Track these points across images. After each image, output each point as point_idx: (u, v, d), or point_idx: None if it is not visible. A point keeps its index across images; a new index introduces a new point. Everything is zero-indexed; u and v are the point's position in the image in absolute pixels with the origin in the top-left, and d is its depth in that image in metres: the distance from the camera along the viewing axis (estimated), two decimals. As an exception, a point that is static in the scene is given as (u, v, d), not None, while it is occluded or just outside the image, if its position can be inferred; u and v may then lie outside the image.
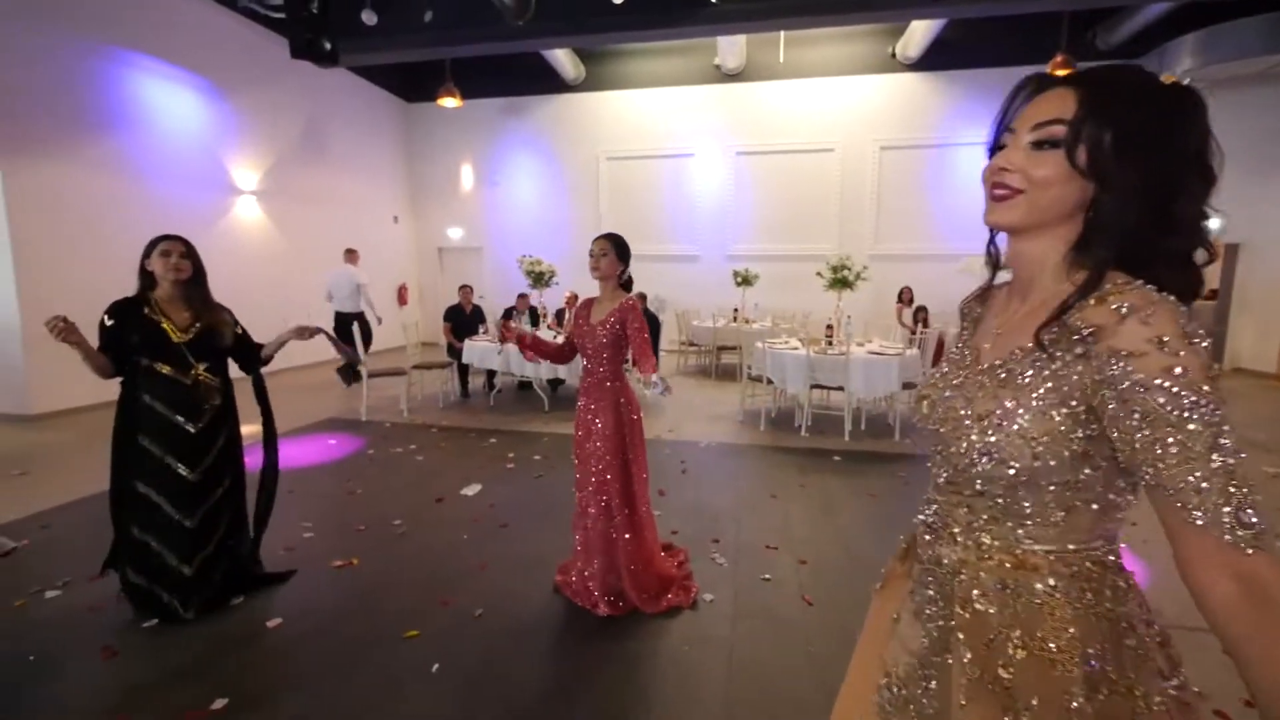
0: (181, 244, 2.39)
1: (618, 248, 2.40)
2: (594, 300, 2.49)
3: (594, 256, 2.37)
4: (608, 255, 2.38)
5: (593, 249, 2.39)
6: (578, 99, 10.55)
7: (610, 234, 2.43)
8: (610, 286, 2.43)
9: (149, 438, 2.29)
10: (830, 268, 5.61)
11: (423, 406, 6.27)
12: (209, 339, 2.42)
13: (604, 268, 2.37)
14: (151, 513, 2.32)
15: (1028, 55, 8.85)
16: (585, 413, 2.43)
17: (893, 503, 3.70)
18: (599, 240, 2.40)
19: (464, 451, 4.72)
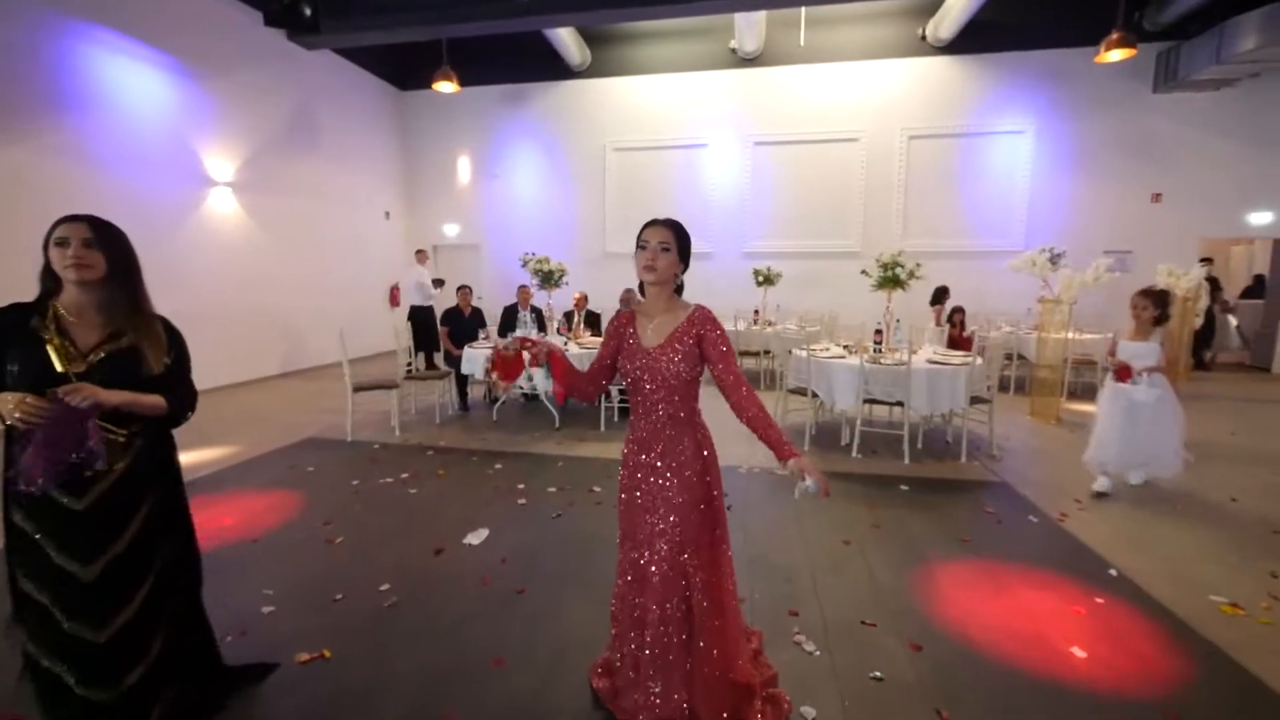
0: (85, 226, 1.58)
1: (681, 242, 1.70)
2: (634, 313, 1.79)
3: (648, 251, 1.65)
4: (670, 251, 1.67)
5: (646, 239, 1.67)
6: (583, 86, 9.86)
7: (671, 221, 1.72)
8: (665, 294, 1.74)
9: (22, 513, 1.56)
10: (880, 265, 4.94)
11: (417, 423, 5.56)
12: (120, 368, 1.59)
13: (662, 268, 1.66)
14: (43, 620, 1.56)
15: (1074, 36, 8.26)
16: (642, 470, 1.73)
17: (990, 547, 3.04)
18: (656, 228, 1.68)
19: (466, 481, 4.02)
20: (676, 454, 1.70)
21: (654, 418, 1.71)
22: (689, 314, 1.71)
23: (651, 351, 1.69)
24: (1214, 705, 1.94)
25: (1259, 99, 8.04)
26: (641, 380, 1.70)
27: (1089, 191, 8.71)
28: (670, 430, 1.70)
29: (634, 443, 1.76)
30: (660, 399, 1.69)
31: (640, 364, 1.69)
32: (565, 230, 10.11)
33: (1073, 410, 6.05)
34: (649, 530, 1.70)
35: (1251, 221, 8.43)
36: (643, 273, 1.68)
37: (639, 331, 1.75)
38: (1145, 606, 2.49)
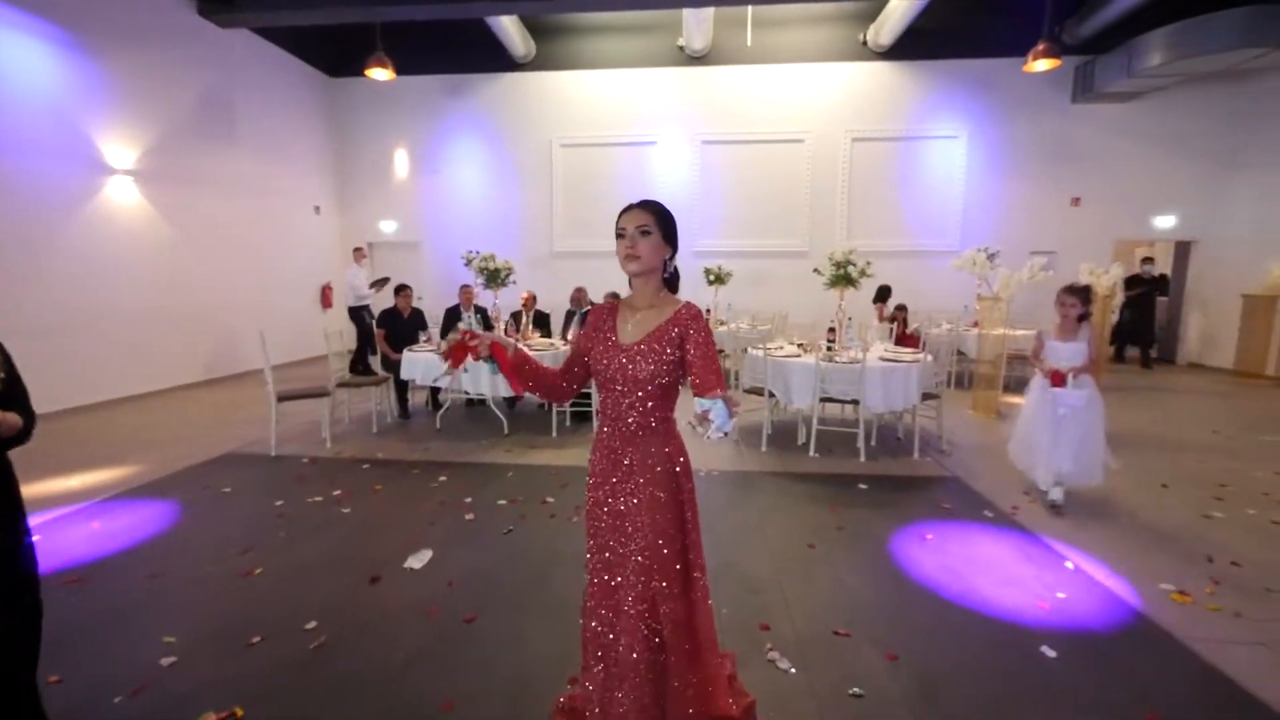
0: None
1: (663, 223, 1.51)
2: (616, 307, 1.60)
3: (627, 238, 1.48)
4: (650, 235, 1.48)
5: (623, 227, 1.49)
6: (528, 79, 9.54)
7: (650, 202, 1.54)
8: (651, 286, 1.54)
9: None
10: (832, 263, 4.94)
11: (351, 433, 5.14)
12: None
13: (645, 254, 1.48)
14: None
15: (1002, 47, 8.67)
16: (610, 484, 1.54)
17: (951, 545, 3.03)
18: (632, 211, 1.50)
19: (406, 497, 3.70)
20: (647, 468, 1.51)
21: (623, 425, 1.52)
22: (675, 310, 1.52)
23: (628, 349, 1.50)
24: (1188, 705, 1.94)
25: (1163, 111, 8.68)
26: (613, 382, 1.50)
27: (1017, 195, 9.17)
28: (641, 440, 1.52)
29: (601, 451, 1.56)
30: (631, 404, 1.50)
31: (613, 363, 1.50)
32: (511, 228, 9.75)
33: (1010, 404, 6.29)
34: (618, 552, 1.51)
35: (1157, 224, 9.11)
36: (625, 263, 1.49)
37: (618, 326, 1.55)
38: (1105, 600, 2.52)
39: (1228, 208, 8.74)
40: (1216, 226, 8.84)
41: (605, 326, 1.57)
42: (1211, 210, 8.86)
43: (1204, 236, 8.98)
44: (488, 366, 1.54)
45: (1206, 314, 9.02)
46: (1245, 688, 1.98)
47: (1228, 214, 8.74)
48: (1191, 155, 8.76)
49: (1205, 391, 7.23)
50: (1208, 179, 8.80)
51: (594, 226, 9.55)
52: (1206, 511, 3.48)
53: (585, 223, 9.59)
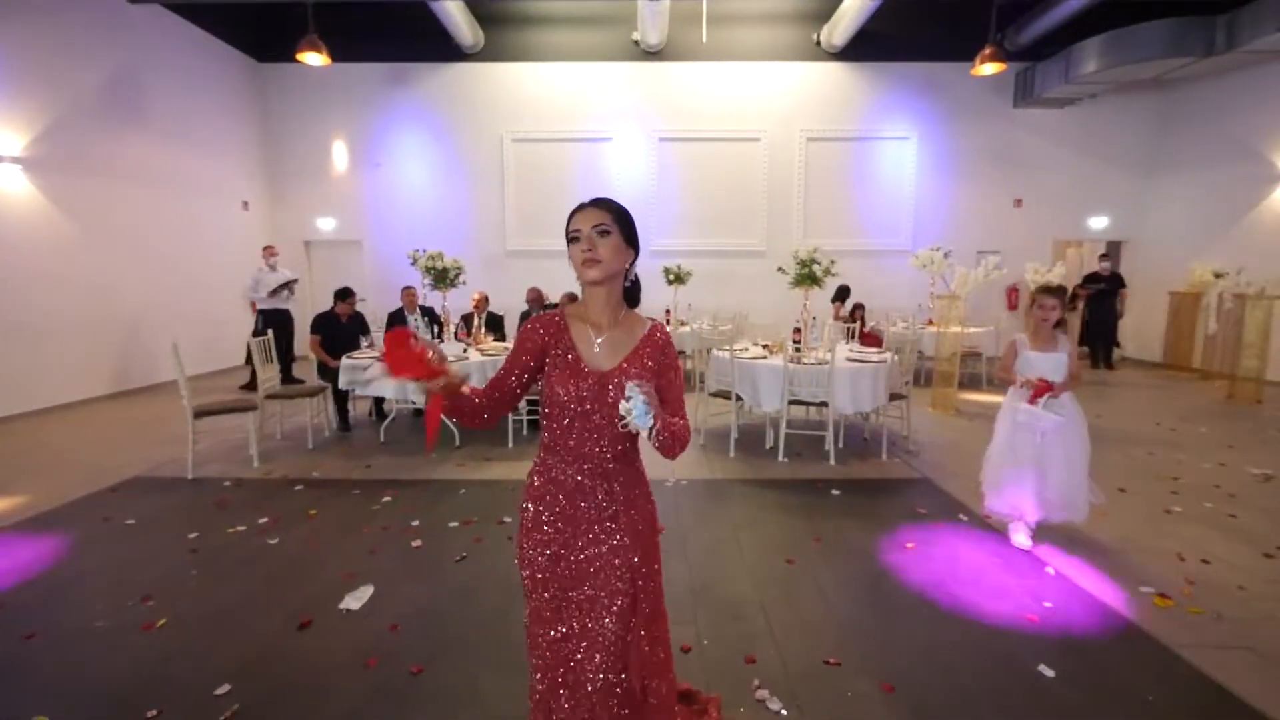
0: None
1: (623, 223, 1.27)
2: (566, 318, 1.33)
3: (582, 240, 1.24)
4: (610, 235, 1.24)
5: (577, 228, 1.25)
6: (477, 70, 9.10)
7: (605, 200, 1.29)
8: (615, 296, 1.32)
9: None
10: (797, 262, 4.83)
11: (283, 451, 4.66)
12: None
13: (607, 257, 1.24)
14: None
15: (949, 52, 8.86)
16: (575, 523, 1.29)
17: (932, 553, 2.92)
18: (588, 210, 1.26)
19: (344, 523, 3.32)
20: (630, 501, 1.30)
21: (596, 459, 1.28)
22: (646, 331, 1.32)
23: (605, 375, 1.26)
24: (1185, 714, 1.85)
25: (1097, 118, 9.09)
26: (587, 412, 1.25)
27: (964, 196, 9.41)
28: (621, 476, 1.30)
29: (560, 489, 1.30)
30: (611, 437, 1.27)
31: (583, 390, 1.25)
32: (460, 226, 9.29)
33: (966, 400, 6.39)
34: (582, 601, 1.27)
35: (1091, 225, 9.54)
36: (583, 270, 1.25)
37: (578, 345, 1.30)
38: (1091, 608, 2.45)
39: (1154, 209, 9.24)
40: (1145, 227, 9.34)
41: (558, 343, 1.29)
42: (1140, 211, 9.35)
43: (1133, 237, 9.47)
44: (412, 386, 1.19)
45: (1136, 310, 9.51)
46: (1242, 698, 1.91)
47: (1154, 215, 9.24)
48: (1122, 159, 9.21)
49: (1140, 384, 7.57)
50: (1136, 182, 9.28)
51: (549, 225, 9.22)
52: (1166, 506, 3.52)
53: (539, 221, 9.24)
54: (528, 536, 1.33)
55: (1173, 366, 8.59)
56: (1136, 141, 9.11)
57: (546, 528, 1.31)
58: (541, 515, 1.31)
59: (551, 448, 1.32)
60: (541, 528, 1.31)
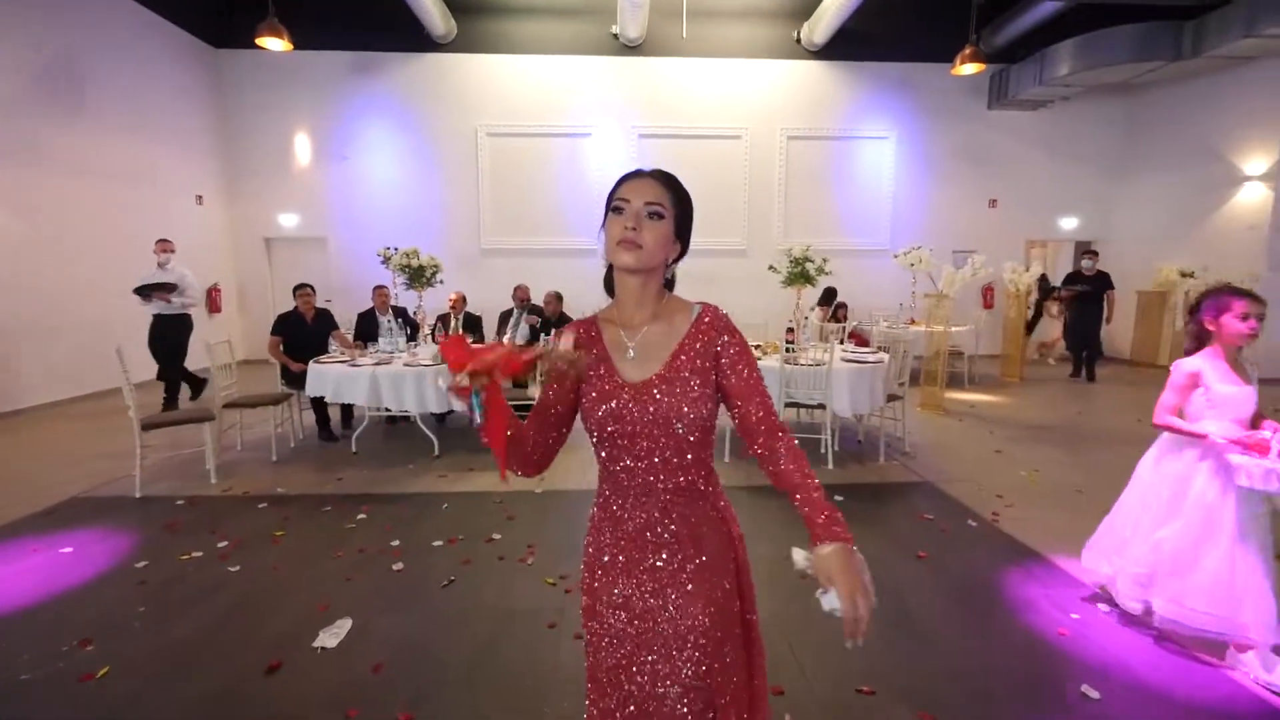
0: None
1: (682, 209, 1.05)
2: (597, 324, 1.10)
3: (627, 214, 1.00)
4: (662, 219, 1.01)
5: (625, 197, 1.01)
6: (450, 60, 8.75)
7: (668, 174, 1.05)
8: (652, 291, 1.07)
9: None
10: (791, 260, 4.71)
11: (244, 464, 4.31)
12: None
13: (650, 245, 1.00)
14: None
15: (926, 52, 8.90)
16: (634, 580, 1.05)
17: (948, 562, 2.80)
18: (645, 181, 1.02)
19: (316, 544, 3.02)
20: (698, 548, 1.04)
21: (653, 494, 1.03)
22: (694, 318, 1.06)
23: (639, 387, 1.01)
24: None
25: (1068, 120, 9.26)
26: (633, 437, 1.01)
27: (941, 195, 9.48)
28: (682, 511, 1.04)
29: (613, 536, 1.06)
30: (664, 464, 1.02)
31: (621, 409, 1.01)
32: (433, 223, 8.91)
33: (952, 399, 6.37)
34: (650, 673, 1.03)
35: (1062, 226, 9.73)
36: (618, 251, 1.00)
37: (611, 353, 1.06)
38: (1117, 618, 2.35)
39: (1122, 210, 9.47)
40: (1113, 227, 9.56)
41: (595, 360, 1.06)
42: (1108, 212, 9.58)
43: (1102, 237, 9.68)
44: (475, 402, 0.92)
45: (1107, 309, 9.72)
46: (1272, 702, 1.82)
47: (1122, 216, 9.47)
48: (1091, 161, 9.41)
49: (1114, 381, 7.71)
50: (1105, 183, 9.50)
51: (526, 222, 8.95)
52: (1167, 506, 3.49)
53: (516, 218, 8.95)
54: (587, 582, 1.09)
55: (1141, 364, 8.80)
56: (1105, 144, 9.33)
57: (593, 578, 1.08)
58: (602, 557, 1.07)
59: (605, 479, 1.09)
60: (602, 572, 1.07)
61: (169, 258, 5.79)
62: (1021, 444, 4.79)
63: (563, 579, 2.62)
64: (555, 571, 2.69)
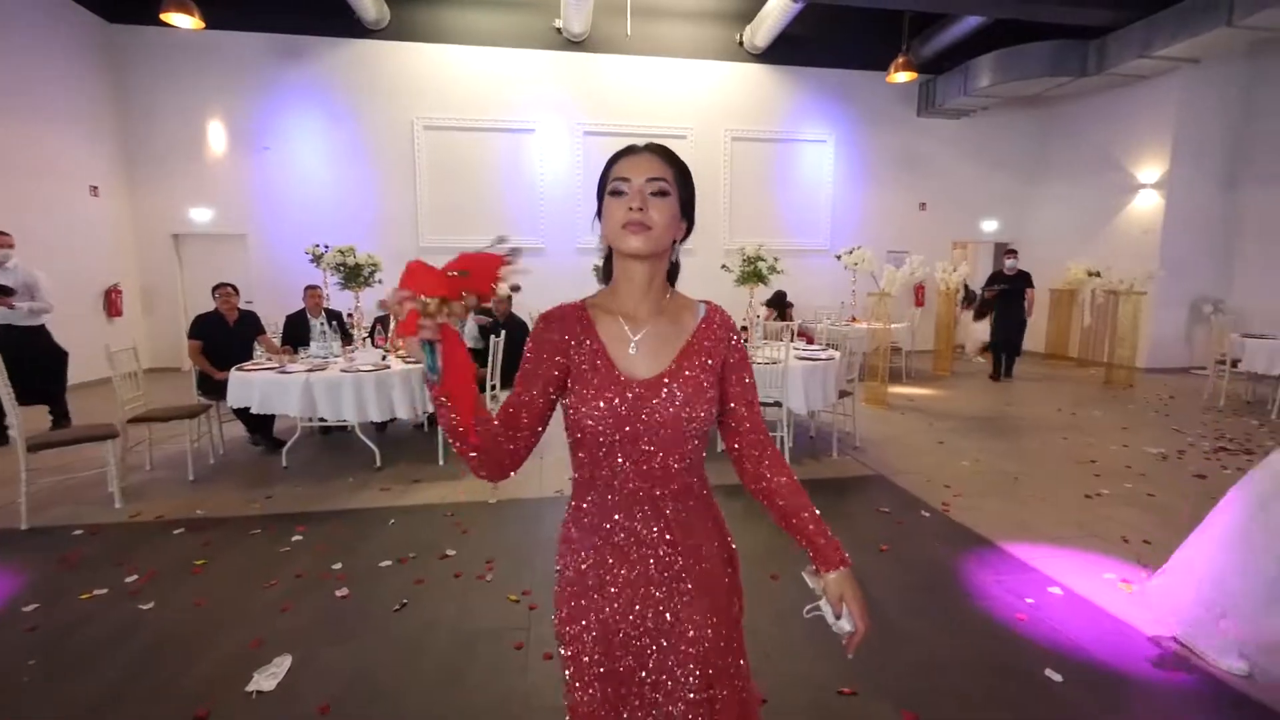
0: None
1: (685, 186, 0.95)
2: (587, 311, 0.98)
3: (631, 193, 0.90)
4: (668, 198, 0.91)
5: (624, 175, 0.91)
6: (384, 48, 8.28)
7: (666, 149, 0.96)
8: (659, 278, 0.98)
9: None
10: (744, 259, 4.73)
11: (156, 485, 3.86)
12: None
13: (660, 226, 0.90)
14: None
15: (861, 60, 9.25)
16: (626, 596, 0.96)
17: (908, 553, 2.87)
18: (646, 157, 0.93)
19: (245, 572, 2.73)
20: (697, 555, 0.97)
21: (646, 500, 0.95)
22: (700, 318, 0.99)
23: (648, 383, 0.93)
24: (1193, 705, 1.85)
25: (989, 128, 9.88)
26: (629, 436, 0.92)
27: (875, 198, 9.89)
28: (679, 517, 0.96)
29: (597, 550, 0.96)
30: (664, 467, 0.94)
31: (624, 407, 0.91)
32: (367, 219, 8.41)
33: (894, 394, 6.62)
34: (648, 699, 0.96)
35: (984, 228, 10.38)
36: (625, 236, 0.90)
37: (607, 346, 0.95)
38: (1069, 602, 2.46)
39: (1036, 214, 10.20)
40: (1028, 229, 10.28)
41: (581, 346, 0.95)
42: (1024, 215, 10.29)
43: (1019, 238, 10.38)
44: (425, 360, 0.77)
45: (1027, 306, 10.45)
46: (1229, 684, 1.94)
47: (1036, 219, 10.20)
48: (1009, 167, 10.08)
49: (1032, 374, 8.26)
50: (1021, 188, 10.20)
51: (467, 219, 8.61)
52: (1095, 490, 3.73)
53: (457, 214, 8.59)
54: (566, 605, 0.99)
55: (1054, 356, 9.51)
56: (1021, 152, 10.02)
57: (589, 591, 0.97)
58: (585, 578, 0.97)
59: (586, 487, 0.98)
60: (586, 594, 0.97)
61: (8, 254, 4.75)
62: (960, 435, 5.02)
63: (526, 594, 2.47)
64: (518, 587, 2.54)
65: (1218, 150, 8.07)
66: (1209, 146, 8.04)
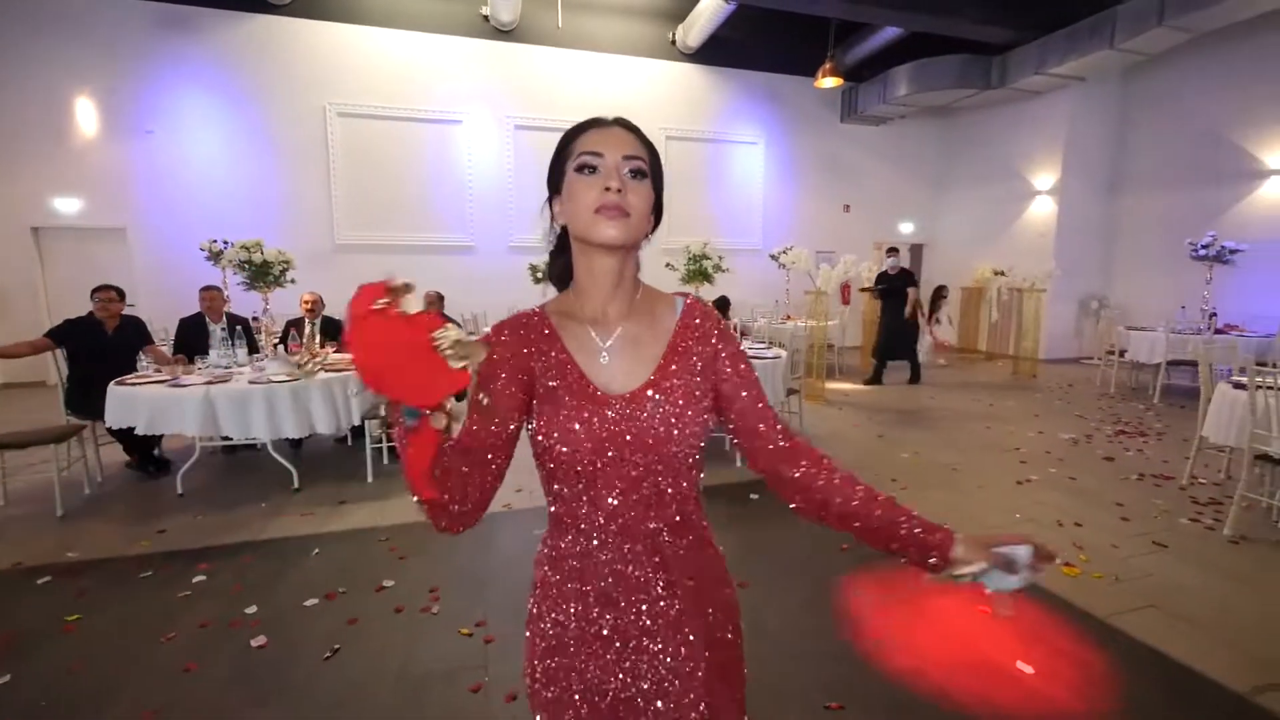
0: None
1: (657, 170, 0.81)
2: (546, 318, 0.83)
3: (607, 171, 0.75)
4: (645, 180, 0.78)
5: (596, 149, 0.76)
6: (290, 26, 7.55)
7: (634, 126, 0.82)
8: (622, 273, 0.82)
9: None
10: (690, 257, 4.65)
11: (12, 525, 3.24)
12: None
13: (638, 211, 0.76)
14: None
15: (789, 65, 9.49)
16: (617, 642, 0.81)
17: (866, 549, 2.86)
18: (616, 131, 0.79)
19: (133, 627, 2.29)
20: (700, 588, 0.84)
21: (636, 536, 0.80)
22: (678, 313, 0.86)
23: (629, 400, 0.78)
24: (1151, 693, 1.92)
25: (905, 136, 10.45)
26: (616, 464, 0.78)
27: (804, 200, 10.20)
28: (676, 554, 0.82)
29: (585, 582, 0.81)
30: (655, 495, 0.80)
31: (603, 428, 0.77)
32: (272, 213, 7.63)
33: (830, 390, 6.81)
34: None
35: (902, 230, 10.98)
36: (601, 224, 0.75)
37: (576, 358, 0.81)
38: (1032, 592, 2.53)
39: (946, 217, 10.91)
40: (939, 232, 10.98)
41: (544, 360, 0.80)
42: (935, 218, 10.99)
43: (931, 240, 11.09)
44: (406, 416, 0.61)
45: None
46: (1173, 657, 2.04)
47: (946, 222, 10.92)
48: (922, 173, 10.72)
49: (948, 367, 8.81)
50: (933, 193, 10.88)
51: (388, 214, 8.04)
52: (1025, 476, 3.95)
53: (378, 209, 8.00)
54: (541, 664, 0.83)
55: (966, 349, 10.20)
56: (932, 158, 10.68)
57: (571, 647, 0.81)
58: (564, 631, 0.81)
59: (565, 525, 0.83)
60: (562, 649, 0.81)
61: None
62: (896, 429, 5.20)
63: (480, 626, 2.24)
64: (469, 618, 2.29)
65: (1100, 161, 8.94)
66: (1093, 157, 8.89)
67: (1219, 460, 3.92)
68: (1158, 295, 8.27)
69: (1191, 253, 6.81)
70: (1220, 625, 2.26)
